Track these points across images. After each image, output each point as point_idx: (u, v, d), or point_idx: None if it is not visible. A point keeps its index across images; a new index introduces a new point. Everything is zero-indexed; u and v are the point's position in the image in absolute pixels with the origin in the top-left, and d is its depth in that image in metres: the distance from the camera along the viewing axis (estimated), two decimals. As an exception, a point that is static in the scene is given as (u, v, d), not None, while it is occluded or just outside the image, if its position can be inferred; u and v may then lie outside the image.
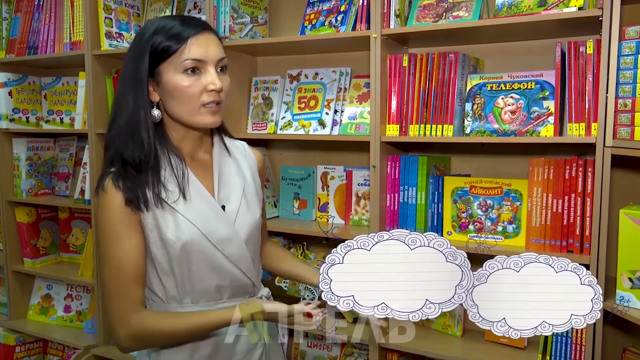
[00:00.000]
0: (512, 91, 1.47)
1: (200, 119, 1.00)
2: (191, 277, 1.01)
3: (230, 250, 1.03)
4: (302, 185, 1.89)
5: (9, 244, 2.32)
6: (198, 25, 0.99)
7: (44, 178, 2.40)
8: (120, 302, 0.97)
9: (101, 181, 0.98)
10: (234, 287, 1.06)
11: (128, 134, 0.98)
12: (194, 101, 0.98)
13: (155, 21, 1.00)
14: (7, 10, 2.29)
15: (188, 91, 0.97)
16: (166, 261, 0.99)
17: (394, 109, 1.58)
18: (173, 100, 0.98)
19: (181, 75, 0.97)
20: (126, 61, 1.01)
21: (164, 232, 0.97)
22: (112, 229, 0.96)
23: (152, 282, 1.02)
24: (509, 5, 1.46)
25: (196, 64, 0.97)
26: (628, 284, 1.27)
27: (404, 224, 1.60)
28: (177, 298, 1.02)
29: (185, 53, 0.96)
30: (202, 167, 1.06)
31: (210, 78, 0.98)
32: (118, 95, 1.02)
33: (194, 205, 1.00)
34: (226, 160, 1.10)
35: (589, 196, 1.35)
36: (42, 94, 2.39)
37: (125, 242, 0.96)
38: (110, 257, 0.97)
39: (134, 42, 1.00)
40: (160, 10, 2.04)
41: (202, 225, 1.00)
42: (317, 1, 1.78)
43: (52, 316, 2.38)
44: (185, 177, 1.01)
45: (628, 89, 1.23)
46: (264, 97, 1.91)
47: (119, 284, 0.97)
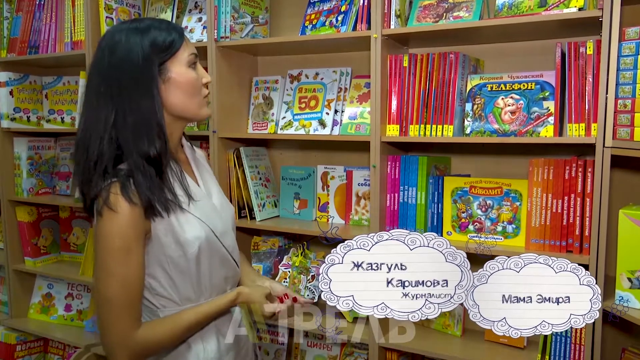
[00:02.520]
0: (512, 91, 1.47)
1: (204, 111, 1.04)
2: (209, 274, 1.04)
3: (228, 241, 1.08)
4: (303, 185, 1.90)
5: (10, 243, 2.33)
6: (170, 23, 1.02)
7: (45, 177, 2.41)
8: (126, 319, 0.93)
9: (105, 192, 0.92)
10: (232, 277, 1.11)
11: (150, 135, 0.94)
12: (200, 94, 1.03)
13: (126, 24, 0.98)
14: (9, 10, 2.30)
15: (197, 84, 1.01)
16: (183, 262, 0.99)
17: (394, 109, 1.58)
18: (182, 94, 0.99)
19: (188, 69, 1.00)
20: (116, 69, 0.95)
21: (181, 234, 0.97)
22: (122, 243, 0.91)
23: (166, 287, 1.00)
24: (510, 5, 1.46)
25: (196, 59, 1.02)
26: (627, 284, 1.27)
27: (404, 224, 1.60)
28: (192, 298, 1.03)
29: (188, 47, 1.01)
30: (183, 167, 1.08)
31: (202, 72, 1.04)
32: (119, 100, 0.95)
33: (198, 204, 1.03)
34: (196, 158, 1.15)
35: (589, 196, 1.36)
36: (43, 94, 2.39)
37: (134, 257, 0.93)
38: (117, 272, 0.92)
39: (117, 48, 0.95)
40: (161, 9, 2.04)
41: (209, 222, 1.03)
42: (317, 1, 1.78)
43: (52, 315, 2.38)
44: (184, 177, 1.03)
45: (628, 90, 1.23)
46: (265, 97, 1.92)
47: (126, 298, 0.93)
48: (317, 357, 1.92)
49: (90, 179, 0.95)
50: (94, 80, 0.98)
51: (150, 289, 1.00)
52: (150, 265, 0.98)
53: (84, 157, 0.95)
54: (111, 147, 0.94)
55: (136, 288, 0.95)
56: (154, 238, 0.97)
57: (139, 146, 0.94)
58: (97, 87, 0.97)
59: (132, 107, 0.95)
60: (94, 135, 0.95)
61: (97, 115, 0.95)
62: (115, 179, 0.93)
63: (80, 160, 0.96)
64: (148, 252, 0.97)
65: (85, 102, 0.98)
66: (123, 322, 0.93)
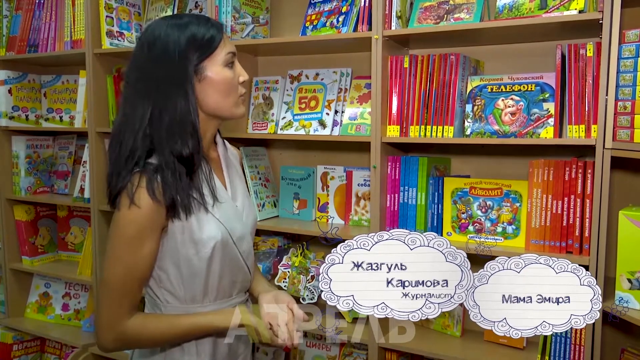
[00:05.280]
0: (513, 93, 1.47)
1: (239, 110, 1.04)
2: (218, 276, 1.02)
3: (244, 247, 1.06)
4: (302, 185, 1.90)
5: (8, 242, 2.32)
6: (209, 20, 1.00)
7: (43, 176, 2.40)
8: (121, 305, 0.95)
9: (130, 184, 0.92)
10: (241, 283, 1.09)
11: (183, 135, 0.94)
12: (236, 93, 1.02)
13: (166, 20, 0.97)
14: (8, 8, 2.29)
15: (233, 83, 1.00)
16: (196, 261, 0.99)
17: (394, 110, 1.58)
18: (218, 94, 0.99)
19: (225, 68, 0.99)
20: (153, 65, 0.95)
21: (196, 233, 0.97)
22: (136, 233, 0.92)
23: (173, 284, 1.00)
24: (510, 7, 1.46)
25: (234, 58, 1.01)
26: (627, 285, 1.28)
27: (404, 225, 1.60)
28: (198, 298, 1.02)
29: (226, 46, 0.99)
30: (214, 165, 1.07)
31: (239, 70, 1.03)
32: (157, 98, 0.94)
33: (221, 206, 1.02)
34: (228, 158, 1.13)
35: (589, 197, 1.36)
36: (42, 92, 2.39)
37: (145, 247, 0.94)
38: (124, 258, 0.94)
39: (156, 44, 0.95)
40: (161, 9, 2.04)
41: (228, 225, 1.02)
42: (318, 2, 1.78)
43: (50, 314, 2.37)
44: (212, 178, 1.02)
45: (628, 92, 1.24)
46: (265, 97, 1.92)
47: (125, 284, 0.94)
48: (316, 358, 1.92)
49: (119, 172, 0.95)
50: (132, 75, 0.98)
51: (158, 281, 1.01)
52: (163, 259, 0.98)
53: (117, 151, 0.96)
54: (144, 143, 0.94)
55: (138, 278, 0.96)
56: (169, 233, 0.97)
57: (172, 145, 0.94)
58: (135, 83, 0.97)
59: (168, 105, 0.94)
60: (128, 131, 0.95)
61: (133, 111, 0.95)
62: (142, 170, 0.93)
63: (113, 155, 0.97)
64: (163, 245, 0.97)
65: (123, 97, 1.00)
66: (117, 307, 0.94)
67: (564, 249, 1.41)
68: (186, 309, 1.02)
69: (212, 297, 1.04)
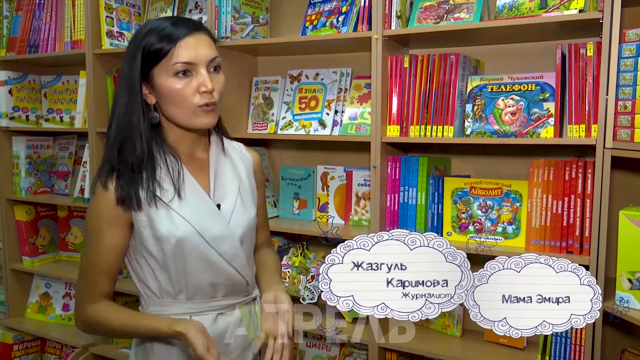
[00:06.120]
0: (513, 93, 1.47)
1: (196, 121, 1.01)
2: (186, 273, 1.03)
3: (224, 248, 1.05)
4: (302, 185, 1.90)
5: (8, 242, 2.32)
6: (189, 26, 1.00)
7: (44, 176, 2.40)
8: (86, 290, 1.04)
9: (96, 179, 1.02)
10: (228, 286, 1.07)
11: (122, 138, 1.01)
12: (188, 103, 0.99)
13: (149, 23, 1.02)
14: (8, 9, 2.29)
15: (181, 94, 0.98)
16: (161, 257, 1.01)
17: (394, 110, 1.58)
18: (168, 103, 1.00)
19: (173, 78, 0.98)
20: (122, 63, 1.03)
21: (157, 229, 1.00)
22: (96, 225, 1.01)
23: (147, 277, 1.05)
24: (510, 7, 1.46)
25: (186, 67, 0.98)
26: (627, 285, 1.27)
27: (404, 225, 1.60)
28: (172, 293, 1.04)
29: (175, 56, 0.97)
30: (198, 166, 1.08)
31: (202, 79, 0.98)
32: (115, 96, 1.05)
33: (188, 203, 1.02)
34: (222, 160, 1.12)
35: (589, 197, 1.36)
36: (42, 93, 2.39)
37: (104, 240, 1.00)
38: (89, 250, 1.03)
39: (129, 44, 1.02)
40: (161, 9, 2.04)
41: (196, 223, 1.01)
42: (318, 2, 1.78)
43: (50, 315, 2.37)
44: (180, 176, 1.03)
45: (628, 91, 1.24)
46: (265, 97, 1.92)
47: (89, 274, 1.03)
48: (316, 358, 1.92)
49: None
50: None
51: (136, 275, 1.07)
52: (136, 254, 1.04)
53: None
54: (114, 137, 1.02)
55: (101, 268, 1.02)
56: (135, 229, 1.01)
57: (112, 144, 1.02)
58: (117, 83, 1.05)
59: (118, 102, 1.02)
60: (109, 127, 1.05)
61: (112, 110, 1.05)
62: (108, 167, 1.01)
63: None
64: (134, 239, 1.03)
65: None
66: (84, 293, 1.04)
67: (564, 249, 1.41)
68: (162, 302, 1.05)
69: (188, 295, 1.04)
